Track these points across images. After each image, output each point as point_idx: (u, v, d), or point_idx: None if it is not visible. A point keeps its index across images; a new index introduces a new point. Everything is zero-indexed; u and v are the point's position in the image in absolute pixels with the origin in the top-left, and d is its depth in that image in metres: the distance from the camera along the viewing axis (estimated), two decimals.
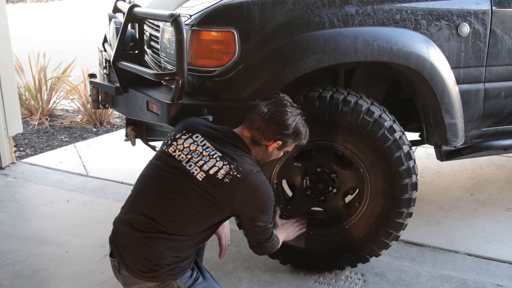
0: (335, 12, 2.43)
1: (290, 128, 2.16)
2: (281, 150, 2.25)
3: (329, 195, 2.71)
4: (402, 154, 2.52)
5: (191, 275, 2.11)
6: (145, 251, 2.03)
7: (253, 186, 2.05)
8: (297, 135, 2.21)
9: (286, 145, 2.21)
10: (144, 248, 2.03)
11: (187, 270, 2.10)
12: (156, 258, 2.02)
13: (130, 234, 2.06)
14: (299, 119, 2.21)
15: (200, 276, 2.15)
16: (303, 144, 2.28)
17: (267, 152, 2.22)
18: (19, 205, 3.67)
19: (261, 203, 2.10)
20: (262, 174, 2.11)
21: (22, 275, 2.82)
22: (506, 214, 3.46)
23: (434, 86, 2.57)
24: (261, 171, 2.12)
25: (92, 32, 10.33)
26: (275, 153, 2.25)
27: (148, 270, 2.03)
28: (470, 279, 2.76)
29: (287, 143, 2.20)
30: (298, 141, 2.24)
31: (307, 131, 2.26)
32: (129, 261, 2.05)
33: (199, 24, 2.41)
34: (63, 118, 5.75)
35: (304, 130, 2.23)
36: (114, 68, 2.75)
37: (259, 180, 2.07)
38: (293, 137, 2.19)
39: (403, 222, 2.63)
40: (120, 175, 4.08)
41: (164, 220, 2.02)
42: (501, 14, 2.70)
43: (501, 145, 2.94)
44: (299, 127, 2.20)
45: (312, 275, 2.78)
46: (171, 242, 2.03)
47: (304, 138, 2.25)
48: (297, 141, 2.23)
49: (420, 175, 3.03)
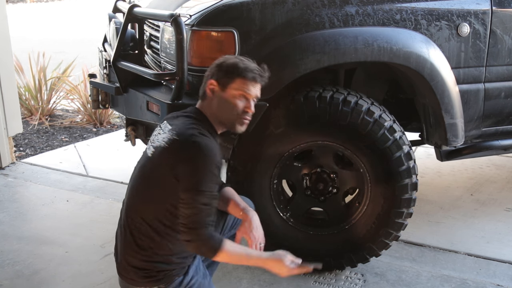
0: (335, 12, 2.43)
1: (222, 64, 2.02)
2: (227, 91, 2.01)
3: (329, 195, 2.71)
4: (402, 154, 2.52)
5: (180, 282, 2.04)
6: (123, 253, 2.05)
7: (189, 144, 1.91)
8: (229, 66, 2.01)
9: (225, 82, 2.01)
10: (123, 250, 2.05)
11: (174, 277, 2.03)
12: (128, 261, 2.03)
13: (118, 235, 2.10)
14: (234, 57, 2.06)
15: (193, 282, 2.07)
16: (252, 78, 2.01)
17: (214, 100, 2.04)
18: (19, 205, 3.67)
19: (197, 161, 1.89)
20: (203, 137, 1.92)
21: (22, 275, 2.82)
22: (506, 214, 3.46)
23: (434, 86, 2.57)
24: (205, 135, 1.94)
25: (92, 32, 10.33)
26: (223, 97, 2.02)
27: (126, 272, 2.04)
28: (470, 279, 2.76)
29: (223, 80, 2.01)
30: (237, 73, 2.00)
31: (246, 63, 2.02)
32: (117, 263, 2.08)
33: (199, 24, 2.41)
34: (63, 118, 5.75)
35: (240, 62, 2.02)
36: (114, 68, 2.75)
37: (198, 140, 1.91)
38: (225, 69, 2.01)
39: (403, 222, 2.64)
40: (120, 175, 4.08)
41: (136, 216, 2.01)
42: (501, 14, 2.70)
43: (501, 145, 2.94)
44: (231, 60, 2.03)
45: (312, 275, 2.78)
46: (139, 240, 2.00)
47: (245, 70, 2.00)
48: (235, 74, 2.00)
49: (420, 175, 3.03)
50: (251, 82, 2.02)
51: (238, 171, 2.58)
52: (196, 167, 1.90)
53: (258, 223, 2.15)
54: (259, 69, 2.05)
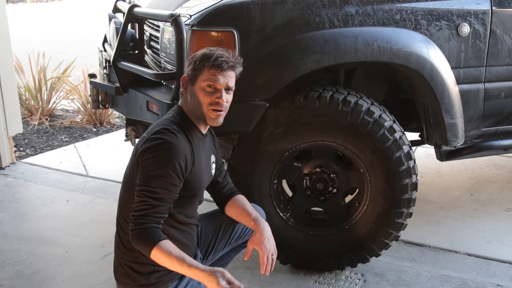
0: (335, 12, 2.43)
1: (190, 57, 2.01)
2: (196, 83, 1.99)
3: (329, 195, 2.71)
4: (402, 154, 2.52)
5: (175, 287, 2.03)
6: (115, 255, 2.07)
7: (150, 140, 1.91)
8: (198, 59, 1.98)
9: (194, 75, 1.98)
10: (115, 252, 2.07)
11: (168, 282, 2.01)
12: (120, 262, 2.04)
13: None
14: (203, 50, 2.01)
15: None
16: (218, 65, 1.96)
17: (188, 96, 2.02)
18: (19, 205, 3.67)
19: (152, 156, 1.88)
20: (168, 133, 1.91)
21: (22, 275, 2.82)
22: (506, 214, 3.46)
23: (434, 86, 2.57)
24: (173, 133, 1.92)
25: (92, 32, 10.33)
26: (194, 90, 2.00)
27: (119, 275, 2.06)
28: (470, 279, 2.76)
29: (191, 73, 1.99)
30: (203, 65, 1.96)
31: (218, 51, 1.99)
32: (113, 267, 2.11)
33: (199, 24, 2.41)
34: (63, 118, 5.75)
35: (210, 51, 1.98)
36: (114, 68, 2.75)
37: (159, 136, 1.90)
38: (193, 63, 1.98)
39: (403, 222, 2.64)
40: (120, 175, 4.02)
41: (120, 217, 2.04)
42: (501, 14, 2.70)
43: (501, 145, 2.94)
44: (200, 51, 2.00)
45: (312, 275, 2.78)
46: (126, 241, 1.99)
47: (213, 58, 1.96)
48: (203, 65, 1.96)
49: (420, 175, 3.03)
50: (217, 70, 1.96)
51: (238, 171, 2.58)
52: (150, 160, 1.89)
53: (270, 234, 2.12)
54: (226, 55, 1.98)
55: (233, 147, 2.59)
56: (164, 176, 1.88)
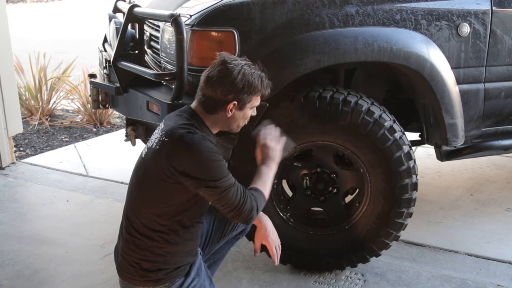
0: (335, 12, 2.43)
1: (239, 83, 1.97)
2: (244, 109, 2.04)
3: (329, 195, 2.71)
4: (402, 154, 2.52)
5: (181, 284, 2.05)
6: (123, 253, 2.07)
7: (180, 146, 1.91)
8: (250, 86, 1.99)
9: (245, 101, 2.01)
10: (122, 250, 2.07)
11: (175, 278, 2.03)
12: (127, 260, 2.04)
13: (119, 236, 2.13)
14: (244, 70, 1.99)
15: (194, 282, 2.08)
16: (267, 93, 2.07)
17: (229, 117, 2.03)
18: (19, 205, 3.67)
19: (195, 159, 1.90)
20: (193, 135, 1.92)
21: (22, 275, 2.82)
22: (506, 214, 3.46)
23: (434, 86, 2.57)
24: (195, 133, 1.94)
25: (92, 32, 10.32)
26: (239, 114, 2.04)
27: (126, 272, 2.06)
28: (470, 279, 2.76)
29: (243, 100, 2.01)
30: (257, 92, 2.03)
31: (262, 78, 2.04)
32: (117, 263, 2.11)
33: (199, 24, 2.41)
34: (63, 118, 5.75)
35: (257, 79, 2.01)
36: (114, 68, 2.75)
37: (187, 140, 1.91)
38: (246, 90, 1.99)
39: (403, 222, 2.64)
40: (120, 175, 4.08)
41: (133, 217, 2.03)
42: (501, 14, 2.70)
43: (501, 145, 2.94)
44: (249, 78, 1.99)
45: (312, 275, 2.78)
46: (137, 240, 2.02)
47: (262, 86, 2.03)
48: (255, 92, 2.02)
49: (420, 175, 3.03)
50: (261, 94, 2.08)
51: (238, 171, 2.57)
52: (198, 164, 1.90)
53: (272, 227, 2.24)
54: (266, 76, 2.06)
55: (233, 147, 2.59)
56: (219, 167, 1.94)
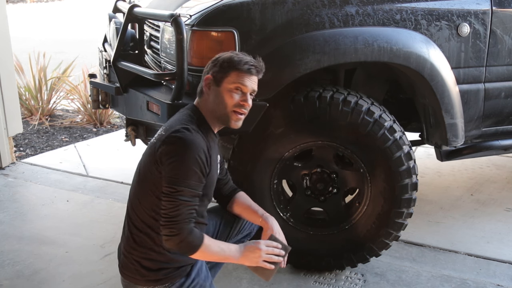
0: (335, 12, 2.43)
1: (218, 59, 2.02)
2: (222, 85, 2.01)
3: (329, 195, 2.71)
4: (402, 154, 2.52)
5: (182, 284, 2.04)
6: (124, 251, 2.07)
7: (170, 139, 1.91)
8: (224, 61, 2.01)
9: (221, 76, 2.00)
10: (124, 247, 2.07)
11: (176, 278, 2.03)
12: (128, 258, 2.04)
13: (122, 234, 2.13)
14: (232, 52, 2.05)
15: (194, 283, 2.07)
16: (247, 70, 2.01)
17: (211, 96, 2.03)
18: (19, 205, 3.67)
19: (177, 156, 1.88)
20: (187, 132, 1.91)
21: (22, 275, 2.82)
22: (506, 214, 3.46)
23: (434, 86, 2.57)
24: (191, 131, 1.92)
25: (92, 32, 10.32)
26: (218, 92, 2.02)
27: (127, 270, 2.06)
28: (470, 279, 2.76)
29: (218, 74, 2.01)
30: (232, 68, 2.00)
31: (244, 58, 2.02)
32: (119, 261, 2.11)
33: (199, 24, 2.41)
34: (63, 118, 5.75)
35: (235, 57, 2.01)
36: (114, 68, 2.75)
37: (179, 135, 1.90)
38: (220, 64, 2.00)
39: (403, 222, 2.64)
40: (120, 175, 4.08)
41: (133, 213, 2.04)
42: (501, 14, 2.70)
43: (501, 145, 2.94)
44: (225, 54, 2.02)
45: (312, 275, 2.78)
46: (137, 237, 2.02)
47: (239, 63, 2.00)
48: (230, 68, 2.00)
49: (420, 175, 3.03)
50: (246, 74, 2.01)
51: (238, 171, 2.58)
52: (176, 162, 1.89)
53: (278, 228, 2.18)
54: (254, 61, 2.05)
55: (233, 147, 2.60)
56: (191, 177, 1.89)
